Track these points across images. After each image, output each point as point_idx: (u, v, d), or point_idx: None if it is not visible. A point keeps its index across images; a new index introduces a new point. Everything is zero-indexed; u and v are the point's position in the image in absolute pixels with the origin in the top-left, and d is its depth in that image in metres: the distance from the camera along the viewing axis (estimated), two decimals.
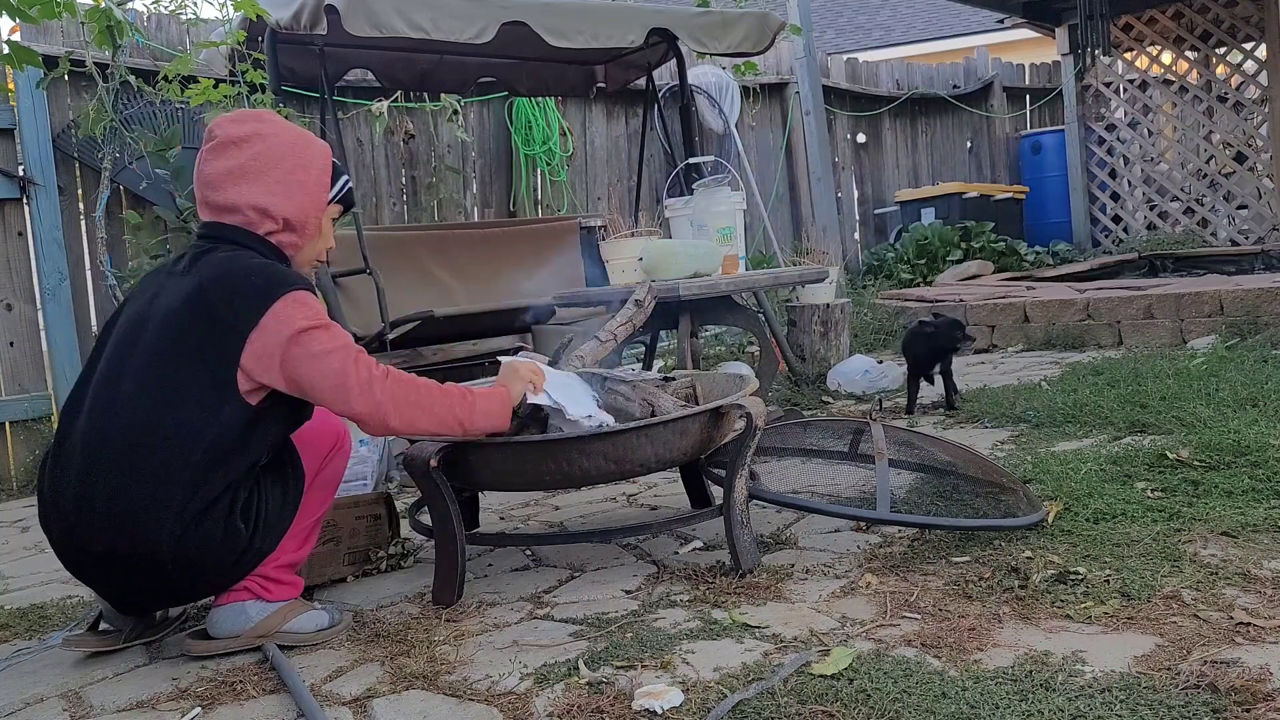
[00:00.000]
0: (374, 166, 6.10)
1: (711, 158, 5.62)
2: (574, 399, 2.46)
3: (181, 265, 2.16)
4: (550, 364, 2.72)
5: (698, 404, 2.68)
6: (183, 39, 5.31)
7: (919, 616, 2.05)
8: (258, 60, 3.99)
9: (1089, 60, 9.68)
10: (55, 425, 2.20)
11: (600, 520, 3.16)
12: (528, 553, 2.83)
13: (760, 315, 4.96)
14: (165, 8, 5.45)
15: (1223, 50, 9.36)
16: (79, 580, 2.18)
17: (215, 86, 3.92)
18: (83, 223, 4.97)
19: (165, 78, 4.10)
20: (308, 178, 2.20)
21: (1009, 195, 9.51)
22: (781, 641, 1.99)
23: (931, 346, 4.21)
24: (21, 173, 4.76)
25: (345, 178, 2.32)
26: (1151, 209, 9.75)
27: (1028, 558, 2.28)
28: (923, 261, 8.28)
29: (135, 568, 2.02)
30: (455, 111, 6.04)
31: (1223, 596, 2.00)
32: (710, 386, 2.86)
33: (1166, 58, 9.65)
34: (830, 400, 4.80)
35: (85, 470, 2.02)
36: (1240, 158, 9.27)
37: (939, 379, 4.35)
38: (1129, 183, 9.89)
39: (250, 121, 2.19)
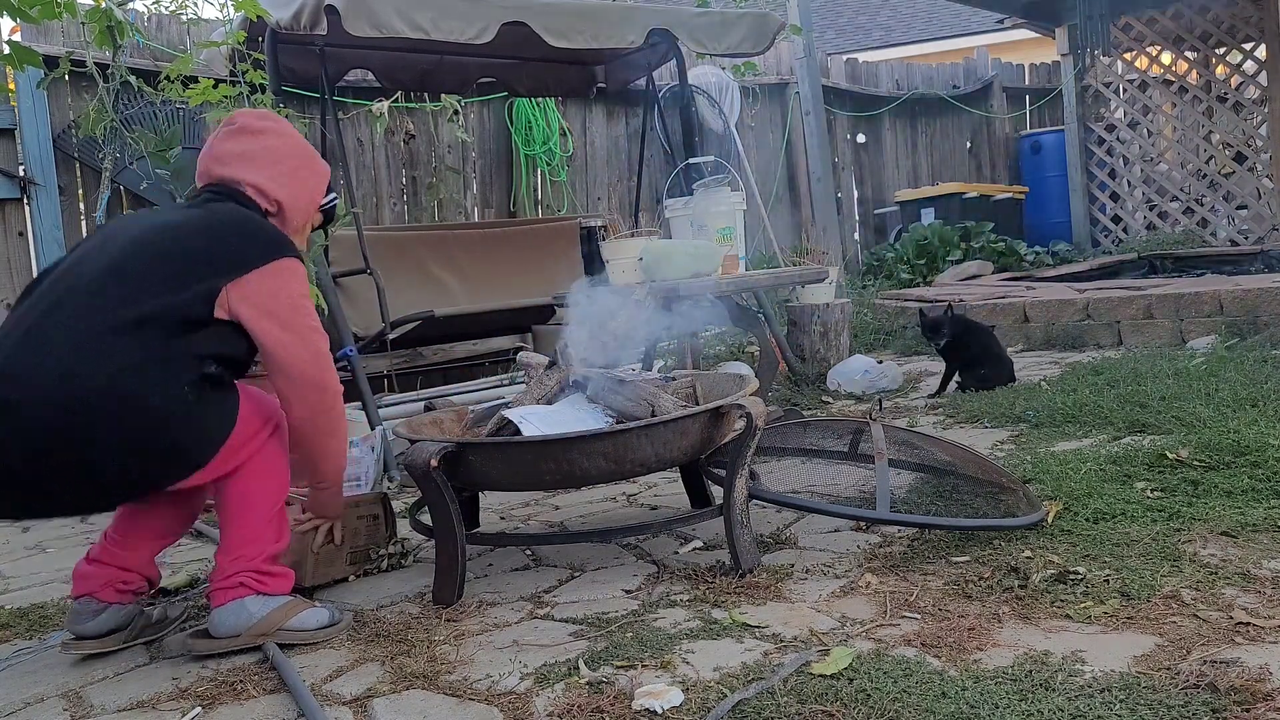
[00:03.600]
0: (374, 166, 6.10)
1: (711, 158, 5.61)
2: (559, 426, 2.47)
3: (180, 202, 2.21)
4: (550, 366, 2.73)
5: (698, 404, 2.69)
6: (183, 39, 5.31)
7: (919, 616, 2.06)
8: (258, 60, 3.99)
9: (1089, 60, 9.68)
10: None
11: (600, 520, 3.16)
12: (528, 552, 2.83)
13: (760, 315, 4.95)
14: (165, 8, 5.46)
15: (1222, 50, 9.36)
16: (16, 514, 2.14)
17: (215, 87, 3.91)
18: (83, 223, 4.98)
19: (166, 78, 4.09)
20: (309, 176, 2.40)
21: (1009, 195, 9.51)
22: (781, 641, 1.99)
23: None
24: (22, 173, 4.76)
25: (335, 194, 2.52)
26: (1151, 209, 9.75)
27: (1027, 558, 2.28)
28: (923, 261, 8.28)
29: (122, 423, 1.95)
30: (455, 112, 6.04)
31: (1222, 596, 2.01)
32: (710, 386, 2.87)
33: (1166, 58, 9.65)
34: (830, 400, 4.80)
35: (52, 343, 1.97)
36: (1240, 158, 9.27)
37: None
38: (1128, 183, 9.89)
39: (270, 120, 2.40)
